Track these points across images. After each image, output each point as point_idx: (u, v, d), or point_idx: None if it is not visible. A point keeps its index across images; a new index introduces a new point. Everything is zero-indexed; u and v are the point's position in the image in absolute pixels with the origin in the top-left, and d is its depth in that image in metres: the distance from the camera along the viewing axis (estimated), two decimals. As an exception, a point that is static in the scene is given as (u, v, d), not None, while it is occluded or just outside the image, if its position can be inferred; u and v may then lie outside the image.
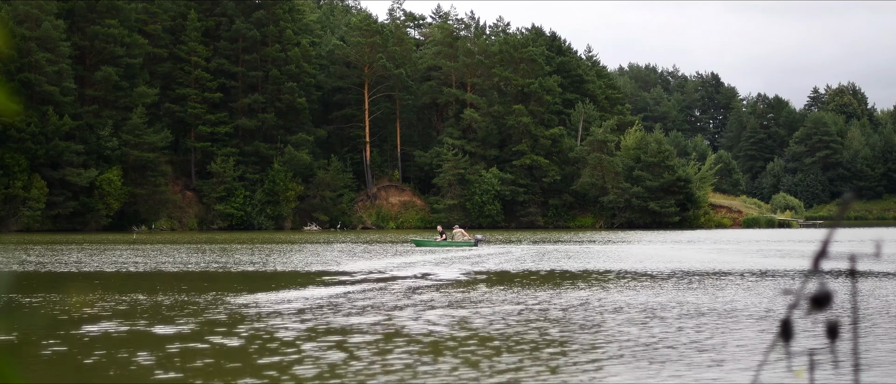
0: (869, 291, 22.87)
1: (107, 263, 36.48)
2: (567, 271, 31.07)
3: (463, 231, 53.12)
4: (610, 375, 11.90)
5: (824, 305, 2.53)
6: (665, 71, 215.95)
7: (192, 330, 16.23)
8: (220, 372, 12.15)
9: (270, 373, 12.02)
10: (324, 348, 13.95)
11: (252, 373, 12.00)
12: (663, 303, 20.51)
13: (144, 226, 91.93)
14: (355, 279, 28.00)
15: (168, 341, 14.81)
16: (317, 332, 15.72)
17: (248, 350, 13.92)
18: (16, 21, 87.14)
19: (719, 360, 12.90)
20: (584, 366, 12.49)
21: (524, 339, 14.90)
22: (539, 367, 12.39)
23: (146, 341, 14.85)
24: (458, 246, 49.87)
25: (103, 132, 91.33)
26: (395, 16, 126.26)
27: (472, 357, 13.20)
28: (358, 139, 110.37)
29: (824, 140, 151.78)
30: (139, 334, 15.74)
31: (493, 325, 16.64)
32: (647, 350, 13.80)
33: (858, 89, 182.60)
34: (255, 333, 15.66)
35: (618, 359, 13.08)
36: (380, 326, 16.49)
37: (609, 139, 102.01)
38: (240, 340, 14.89)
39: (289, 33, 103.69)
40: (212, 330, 16.17)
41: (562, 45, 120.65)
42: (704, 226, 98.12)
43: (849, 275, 2.36)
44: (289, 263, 36.50)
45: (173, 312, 18.86)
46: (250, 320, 17.53)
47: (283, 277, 29.23)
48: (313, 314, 18.40)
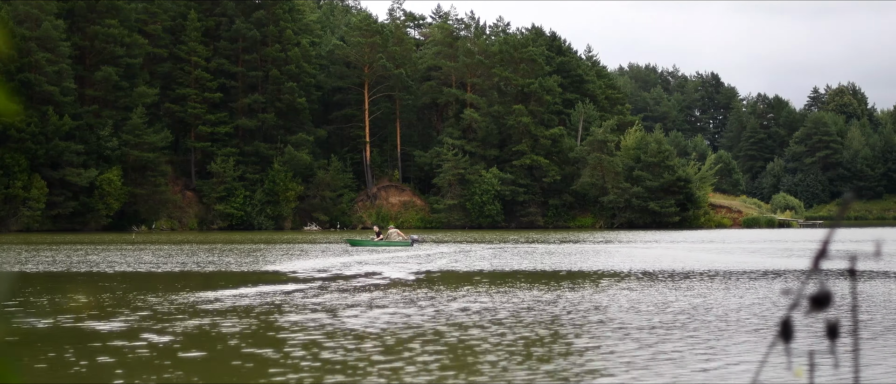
0: (869, 291, 22.86)
1: (81, 263, 36.43)
2: (520, 271, 31.09)
3: (398, 231, 53.83)
4: (608, 376, 11.90)
5: (824, 305, 2.53)
6: (665, 71, 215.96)
7: (127, 327, 16.59)
8: (151, 368, 12.48)
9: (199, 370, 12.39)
10: (259, 346, 14.31)
11: (189, 371, 12.34)
12: (658, 302, 20.49)
13: (144, 226, 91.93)
14: (294, 279, 28.08)
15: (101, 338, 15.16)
16: (253, 331, 16.07)
17: (182, 348, 14.30)
18: (16, 21, 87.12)
19: (719, 360, 12.90)
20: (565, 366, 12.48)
21: (466, 339, 14.90)
22: (457, 368, 12.38)
23: (79, 338, 15.23)
24: (394, 246, 50.12)
25: (103, 132, 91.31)
26: (395, 16, 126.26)
27: (414, 355, 13.40)
28: (358, 139, 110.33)
29: (824, 140, 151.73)
30: (73, 331, 16.13)
31: (435, 323, 16.65)
32: (647, 350, 13.80)
33: (858, 89, 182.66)
34: (193, 332, 16.05)
35: (608, 359, 13.07)
36: (316, 325, 16.68)
37: (609, 139, 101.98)
38: (173, 337, 15.26)
39: (289, 33, 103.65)
40: (147, 327, 16.56)
41: (562, 45, 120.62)
42: (704, 227, 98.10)
43: (849, 275, 2.35)
44: (221, 264, 36.38)
45: (112, 310, 19.17)
46: (189, 318, 17.88)
47: (221, 277, 29.31)
48: (247, 313, 18.44)
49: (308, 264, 35.49)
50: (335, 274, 30.06)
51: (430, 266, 34.10)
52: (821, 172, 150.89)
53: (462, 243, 56.42)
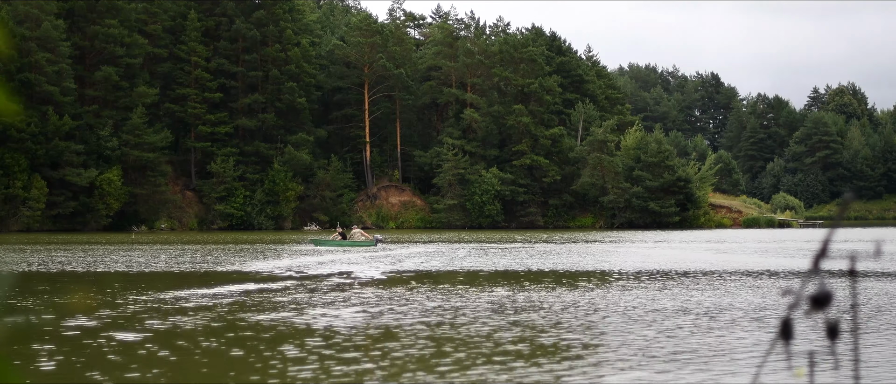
0: (869, 291, 22.85)
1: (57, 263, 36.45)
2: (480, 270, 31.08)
3: (362, 231, 54.20)
4: (604, 376, 11.89)
5: (824, 305, 2.53)
6: (665, 71, 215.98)
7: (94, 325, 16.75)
8: (119, 366, 12.62)
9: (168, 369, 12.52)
10: (225, 345, 14.43)
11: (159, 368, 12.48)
12: (654, 303, 20.49)
13: (144, 226, 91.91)
14: (259, 278, 28.16)
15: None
16: (215, 329, 16.24)
17: (149, 346, 14.46)
18: (16, 21, 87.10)
19: (719, 360, 12.89)
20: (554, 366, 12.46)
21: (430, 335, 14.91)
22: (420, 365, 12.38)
23: (43, 335, 15.43)
24: (358, 246, 50.31)
25: (103, 132, 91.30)
26: (395, 16, 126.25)
27: (380, 353, 13.55)
28: (358, 139, 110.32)
29: (824, 140, 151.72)
30: (32, 327, 16.47)
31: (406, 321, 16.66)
32: (645, 350, 13.79)
33: (858, 89, 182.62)
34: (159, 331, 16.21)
35: (605, 360, 13.06)
36: (283, 325, 16.77)
37: (609, 139, 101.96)
38: (138, 336, 15.44)
39: (289, 33, 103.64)
40: (112, 326, 16.72)
41: (562, 45, 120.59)
42: (704, 227, 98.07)
43: (849, 275, 2.35)
44: (210, 263, 36.46)
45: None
46: (158, 317, 18.02)
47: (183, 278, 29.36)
48: (215, 312, 18.47)
49: (276, 264, 35.65)
50: (306, 273, 30.27)
51: (404, 265, 34.26)
52: (821, 172, 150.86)
53: (440, 244, 56.35)
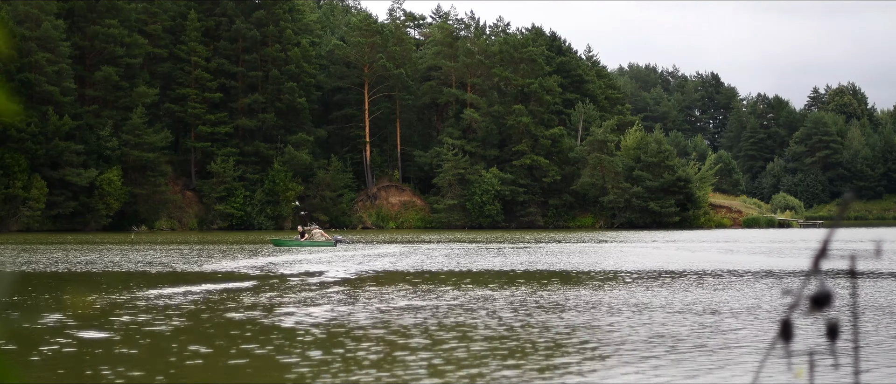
0: (869, 291, 22.85)
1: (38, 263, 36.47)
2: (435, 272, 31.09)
3: (321, 231, 54.35)
4: (603, 377, 11.89)
5: (824, 305, 2.53)
6: (665, 71, 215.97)
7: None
8: (83, 365, 12.71)
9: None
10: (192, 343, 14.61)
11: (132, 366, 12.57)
12: (655, 302, 20.49)
13: (144, 226, 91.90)
14: (216, 279, 28.17)
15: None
16: (187, 328, 16.41)
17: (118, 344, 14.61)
18: (16, 21, 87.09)
19: (718, 360, 12.89)
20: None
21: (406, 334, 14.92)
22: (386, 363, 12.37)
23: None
24: (317, 246, 50.28)
25: (103, 132, 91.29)
26: (395, 16, 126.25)
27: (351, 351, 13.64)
28: (358, 139, 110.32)
29: (824, 140, 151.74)
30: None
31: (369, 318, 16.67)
32: (643, 351, 13.79)
33: (858, 89, 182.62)
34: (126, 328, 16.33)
35: (602, 357, 13.06)
36: (253, 324, 16.87)
37: (609, 139, 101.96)
38: (107, 334, 15.57)
39: (289, 33, 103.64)
40: (78, 325, 16.83)
41: (562, 45, 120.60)
42: (704, 227, 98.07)
43: (849, 275, 2.36)
44: (197, 262, 36.51)
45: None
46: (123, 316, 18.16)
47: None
48: (179, 310, 18.52)
49: (242, 263, 35.86)
50: (271, 273, 30.41)
51: (374, 265, 34.46)
52: (821, 172, 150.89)
53: (414, 243, 56.36)
